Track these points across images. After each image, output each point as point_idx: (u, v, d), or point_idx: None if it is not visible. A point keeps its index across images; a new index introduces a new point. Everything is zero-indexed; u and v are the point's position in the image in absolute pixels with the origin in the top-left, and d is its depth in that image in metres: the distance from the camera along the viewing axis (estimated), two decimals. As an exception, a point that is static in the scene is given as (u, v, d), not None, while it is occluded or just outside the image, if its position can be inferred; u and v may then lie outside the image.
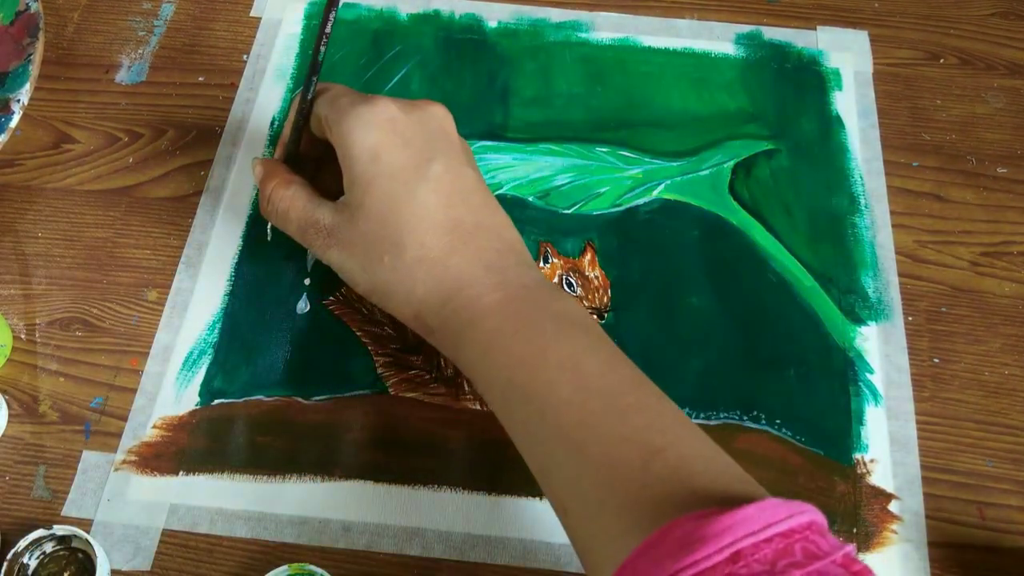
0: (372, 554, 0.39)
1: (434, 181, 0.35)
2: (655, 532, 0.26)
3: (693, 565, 0.24)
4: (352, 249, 0.36)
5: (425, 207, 0.35)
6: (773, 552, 0.25)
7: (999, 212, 0.49)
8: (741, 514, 0.25)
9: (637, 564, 0.26)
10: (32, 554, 0.38)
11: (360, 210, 0.35)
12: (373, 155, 0.35)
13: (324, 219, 0.37)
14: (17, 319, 0.45)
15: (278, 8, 0.55)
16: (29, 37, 0.48)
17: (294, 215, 0.38)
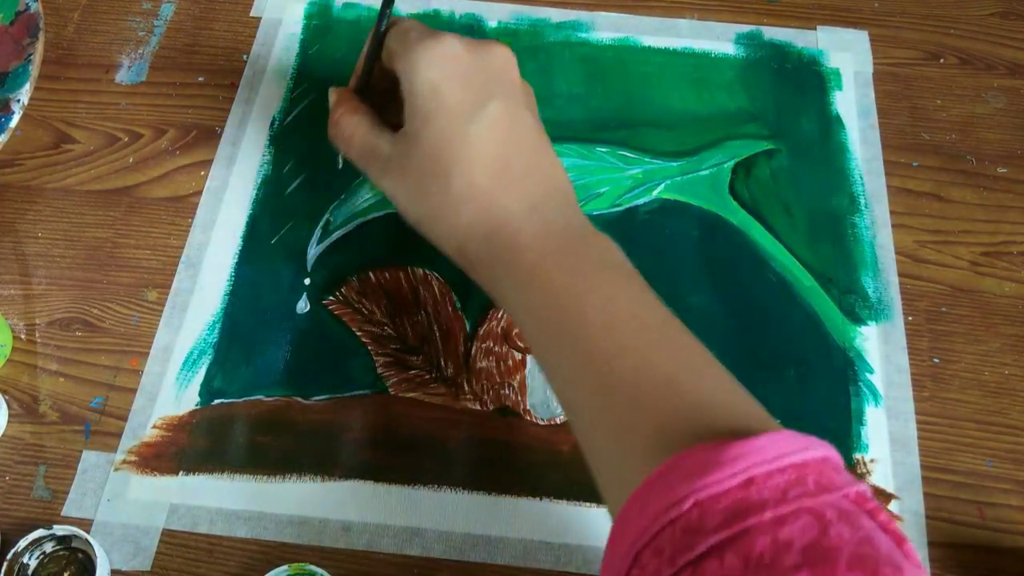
0: (372, 554, 0.39)
1: (489, 120, 0.36)
2: (671, 457, 0.27)
3: (705, 488, 0.25)
4: (404, 178, 0.37)
5: (477, 144, 0.36)
6: (785, 481, 0.25)
7: (999, 212, 0.49)
8: (756, 443, 0.26)
9: (653, 487, 0.27)
10: (32, 554, 0.38)
11: (416, 141, 0.36)
12: (433, 89, 0.36)
13: (383, 147, 0.38)
14: (17, 319, 0.45)
15: (278, 8, 0.55)
16: (29, 37, 0.48)
17: (356, 141, 0.39)
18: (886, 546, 0.24)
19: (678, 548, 0.25)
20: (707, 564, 0.24)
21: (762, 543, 0.24)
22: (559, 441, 0.42)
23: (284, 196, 0.48)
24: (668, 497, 0.26)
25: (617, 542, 0.28)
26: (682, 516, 0.25)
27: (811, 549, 0.23)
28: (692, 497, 0.25)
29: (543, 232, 0.35)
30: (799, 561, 0.23)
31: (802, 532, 0.24)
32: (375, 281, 0.45)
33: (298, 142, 0.50)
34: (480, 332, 0.44)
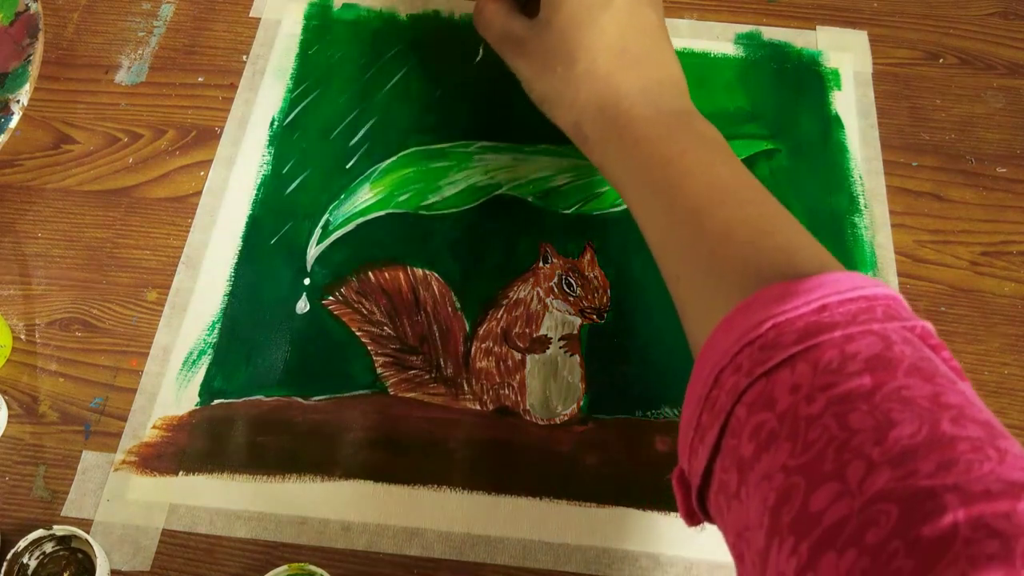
0: (372, 554, 0.39)
1: (615, 11, 0.40)
2: (754, 293, 0.29)
3: (782, 314, 0.27)
4: (533, 59, 0.42)
5: (602, 31, 0.40)
6: (856, 308, 0.27)
7: (999, 212, 0.49)
8: (831, 276, 0.28)
9: (735, 319, 0.29)
10: (32, 554, 0.38)
11: (547, 26, 0.41)
12: None
13: (518, 31, 0.43)
14: (17, 319, 0.45)
15: (277, 9, 0.55)
16: (29, 38, 0.48)
17: (496, 26, 0.44)
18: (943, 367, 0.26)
19: (755, 362, 0.27)
20: (779, 373, 0.27)
21: (830, 354, 0.26)
22: (559, 441, 0.42)
23: (284, 196, 0.48)
24: (748, 323, 0.28)
25: (700, 369, 0.30)
26: (760, 337, 0.28)
27: (874, 359, 0.26)
28: (770, 321, 0.27)
29: (653, 110, 0.39)
30: (862, 367, 0.25)
31: (868, 347, 0.26)
32: (375, 281, 0.46)
33: (298, 142, 0.50)
34: (480, 332, 0.44)
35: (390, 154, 0.50)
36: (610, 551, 0.39)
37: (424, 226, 0.47)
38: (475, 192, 0.48)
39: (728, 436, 0.28)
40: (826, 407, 0.25)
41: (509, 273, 0.46)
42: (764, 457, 0.26)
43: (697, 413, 0.29)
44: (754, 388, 0.27)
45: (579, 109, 0.41)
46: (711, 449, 0.28)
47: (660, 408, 0.42)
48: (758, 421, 0.26)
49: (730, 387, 0.28)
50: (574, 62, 0.40)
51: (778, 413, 0.26)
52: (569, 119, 0.41)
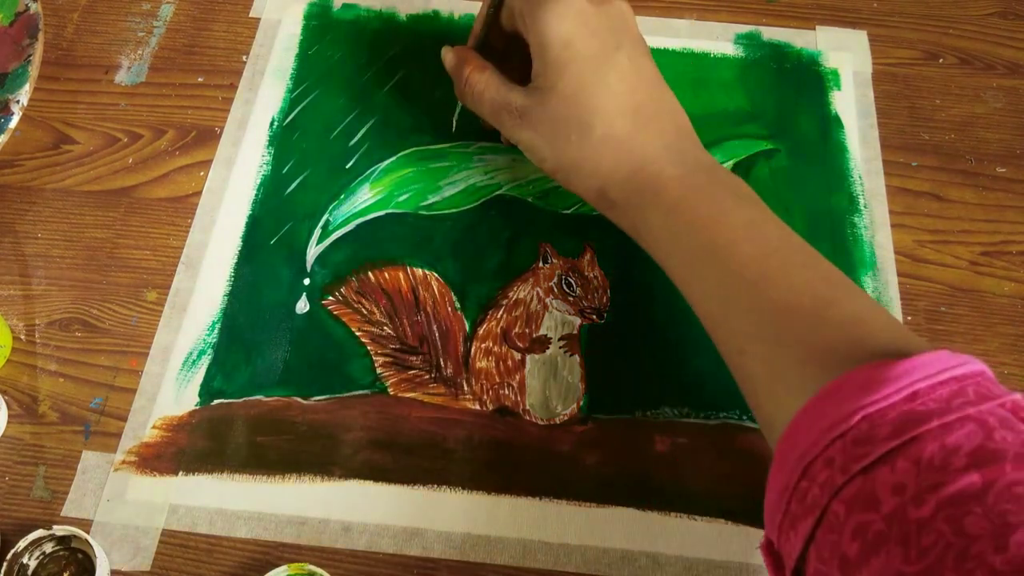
0: (372, 554, 0.39)
1: (620, 68, 0.39)
2: (837, 378, 0.28)
3: (873, 403, 0.27)
4: (542, 129, 0.40)
5: (612, 91, 0.38)
6: (948, 393, 0.27)
7: (998, 212, 0.49)
8: (919, 360, 0.27)
9: (820, 405, 0.28)
10: (32, 554, 0.38)
11: (552, 93, 0.39)
12: (566, 43, 0.38)
13: (516, 101, 0.40)
14: (17, 320, 0.45)
15: (277, 9, 0.55)
16: (29, 38, 0.48)
17: (488, 97, 0.42)
18: None
19: (849, 458, 0.26)
20: (879, 470, 0.26)
21: (931, 448, 0.25)
22: (559, 441, 0.42)
23: (284, 196, 0.48)
24: (837, 413, 0.27)
25: (784, 458, 0.29)
26: (851, 429, 0.27)
27: (978, 452, 0.25)
28: (860, 412, 0.27)
29: (681, 167, 0.38)
30: (968, 463, 0.24)
31: (968, 437, 0.25)
32: (374, 281, 0.46)
33: (298, 142, 0.50)
34: (479, 332, 0.44)
35: (390, 154, 0.50)
36: (610, 551, 0.39)
37: (424, 226, 0.47)
38: (475, 192, 0.48)
39: (825, 531, 0.27)
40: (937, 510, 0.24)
41: (509, 273, 0.46)
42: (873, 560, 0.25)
43: (785, 500, 0.29)
44: (852, 485, 0.26)
45: (603, 176, 0.39)
46: (805, 538, 0.28)
47: (660, 408, 0.42)
48: (861, 521, 0.26)
49: (824, 481, 0.27)
50: (590, 128, 0.38)
51: (884, 515, 0.25)
52: (591, 187, 0.40)
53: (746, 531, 0.40)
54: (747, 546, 0.39)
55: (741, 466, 0.41)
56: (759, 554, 0.39)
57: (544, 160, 0.41)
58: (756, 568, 0.39)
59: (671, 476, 0.41)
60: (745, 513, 0.40)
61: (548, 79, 0.39)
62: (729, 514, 0.40)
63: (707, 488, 0.41)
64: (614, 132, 0.38)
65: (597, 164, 0.39)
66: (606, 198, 0.39)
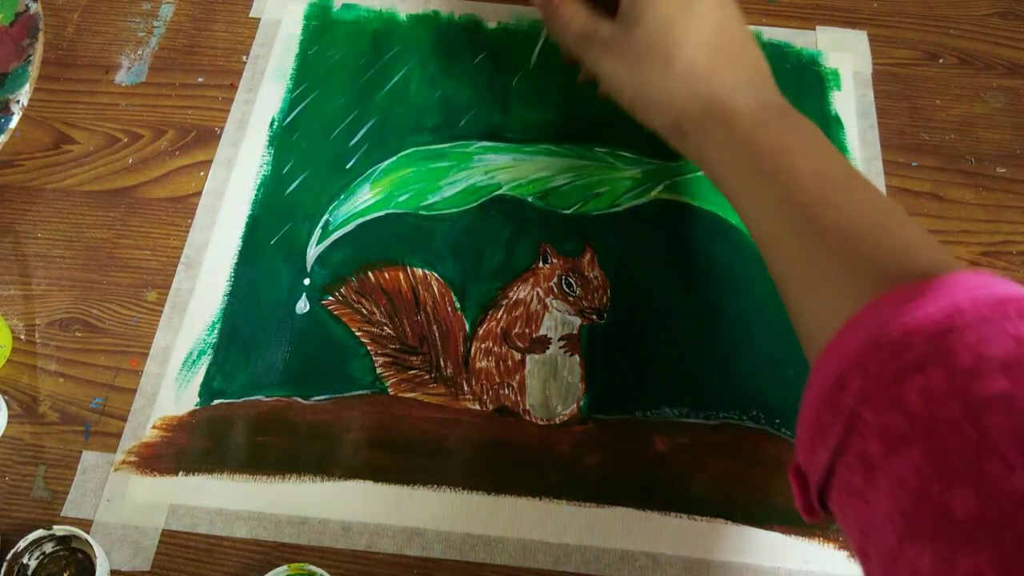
0: (372, 554, 0.39)
1: (706, 9, 0.40)
2: (879, 293, 0.29)
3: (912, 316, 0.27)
4: (625, 58, 0.41)
5: (697, 29, 0.40)
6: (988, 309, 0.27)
7: (998, 212, 0.49)
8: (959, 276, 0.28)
9: (860, 319, 0.29)
10: (32, 554, 0.38)
11: (638, 24, 0.40)
12: None
13: (602, 31, 0.42)
14: (17, 320, 0.45)
15: (277, 9, 0.55)
16: (29, 38, 0.48)
17: (575, 25, 0.43)
18: None
19: (883, 366, 0.27)
20: (912, 378, 0.26)
21: (964, 358, 0.25)
22: (558, 441, 0.42)
23: (284, 196, 0.48)
24: (875, 323, 0.28)
25: (822, 368, 0.30)
26: (888, 340, 0.27)
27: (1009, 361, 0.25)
28: (899, 323, 0.27)
29: (755, 104, 0.39)
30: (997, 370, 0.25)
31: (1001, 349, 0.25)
32: (374, 281, 0.46)
33: (298, 142, 0.50)
34: (479, 332, 0.44)
35: (390, 154, 0.50)
36: (610, 551, 0.39)
37: (424, 226, 0.47)
38: (475, 192, 0.48)
39: (853, 436, 0.27)
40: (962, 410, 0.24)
41: (509, 273, 0.46)
42: (895, 459, 0.25)
43: (817, 412, 0.29)
44: (882, 391, 0.27)
45: (679, 108, 0.40)
46: (833, 449, 0.28)
47: (660, 408, 0.42)
48: (887, 423, 0.26)
49: (856, 389, 0.27)
50: (671, 61, 0.40)
51: (910, 416, 0.26)
52: (668, 118, 0.41)
53: (746, 531, 0.40)
54: (747, 546, 0.39)
55: (741, 466, 0.41)
56: (755, 554, 0.39)
57: (623, 90, 0.42)
58: (756, 568, 0.39)
59: (671, 476, 0.41)
60: (745, 513, 0.40)
61: (636, 11, 0.40)
62: (729, 514, 0.40)
63: (707, 488, 0.41)
64: (695, 66, 0.40)
65: (674, 95, 0.40)
66: (679, 128, 0.40)
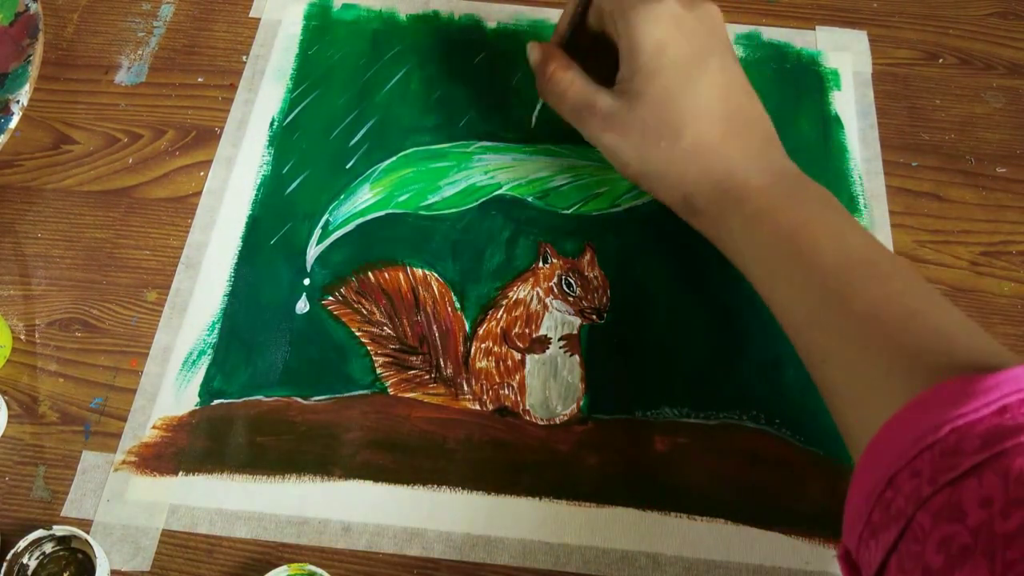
0: (372, 554, 0.39)
1: (712, 75, 0.38)
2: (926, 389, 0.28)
3: (961, 416, 0.26)
4: (628, 133, 0.39)
5: (704, 99, 0.38)
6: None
7: (998, 212, 0.49)
8: (1009, 374, 0.27)
9: (907, 416, 0.28)
10: (32, 554, 0.38)
11: (641, 98, 0.38)
12: (659, 48, 0.38)
13: (602, 103, 0.40)
14: (17, 320, 0.45)
15: (277, 9, 0.55)
16: (29, 38, 0.48)
17: (571, 96, 0.41)
18: None
19: (937, 469, 0.26)
20: (966, 483, 0.26)
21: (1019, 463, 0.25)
22: (559, 441, 0.42)
23: (284, 196, 0.48)
24: (925, 424, 0.27)
25: (869, 468, 0.29)
26: (939, 441, 0.27)
27: None
28: (949, 424, 0.26)
29: (768, 176, 0.38)
30: None
31: None
32: (374, 281, 0.46)
33: (298, 142, 0.50)
34: (479, 332, 0.44)
35: (390, 154, 0.50)
36: (610, 551, 0.39)
37: (424, 226, 0.47)
38: (475, 192, 0.48)
39: (908, 541, 0.27)
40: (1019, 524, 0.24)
41: (509, 273, 0.46)
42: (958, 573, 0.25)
43: (868, 509, 0.29)
44: (938, 497, 0.26)
45: (689, 184, 0.39)
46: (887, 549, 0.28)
47: (660, 408, 0.42)
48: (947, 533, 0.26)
49: (910, 492, 0.27)
50: (679, 136, 0.38)
51: (970, 527, 0.25)
52: (677, 194, 0.40)
53: (746, 531, 0.40)
54: (747, 546, 0.39)
55: (741, 466, 0.41)
56: (755, 554, 0.39)
57: (627, 165, 0.40)
58: (756, 568, 0.39)
59: (671, 476, 0.41)
60: (745, 513, 0.40)
61: (638, 84, 0.38)
62: (729, 514, 0.40)
63: (707, 488, 0.41)
64: (704, 140, 0.38)
65: (684, 171, 0.39)
66: (691, 205, 0.39)
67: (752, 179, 0.38)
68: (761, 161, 0.38)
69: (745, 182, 0.37)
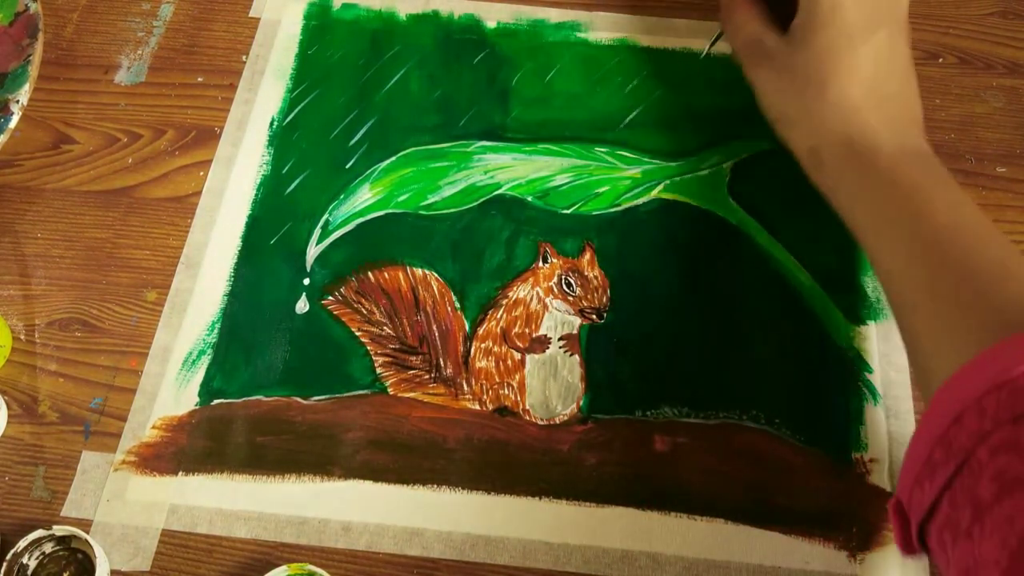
0: (372, 554, 0.39)
1: (876, 44, 0.40)
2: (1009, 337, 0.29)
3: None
4: (781, 76, 0.42)
5: (861, 61, 0.40)
6: None
7: (999, 212, 0.49)
8: None
9: (981, 362, 0.29)
10: (32, 554, 0.38)
11: (804, 45, 0.41)
12: (835, 4, 0.40)
13: (768, 42, 0.43)
14: (17, 320, 0.45)
15: (277, 8, 0.55)
16: (28, 38, 0.48)
17: (746, 31, 0.44)
18: None
19: (1002, 408, 0.27)
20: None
21: None
22: (558, 441, 0.42)
23: (283, 196, 0.48)
24: (996, 367, 0.28)
25: (936, 413, 0.30)
26: (1008, 383, 0.27)
27: None
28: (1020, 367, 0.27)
29: (898, 148, 0.39)
30: None
31: None
32: (374, 281, 0.46)
33: (298, 142, 0.50)
34: (479, 332, 0.44)
35: (390, 154, 0.50)
36: (610, 551, 0.39)
37: (424, 226, 0.47)
38: (475, 192, 0.48)
39: (964, 475, 0.28)
40: None
41: (509, 273, 0.46)
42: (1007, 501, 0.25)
43: (929, 449, 0.29)
44: (1000, 432, 0.27)
45: (821, 136, 0.40)
46: (941, 486, 0.28)
47: (660, 407, 0.42)
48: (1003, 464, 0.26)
49: (973, 429, 0.28)
50: (825, 89, 0.40)
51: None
52: (807, 143, 0.41)
53: (746, 531, 0.40)
54: (747, 546, 0.39)
55: (741, 466, 0.41)
56: (755, 554, 0.39)
57: (771, 105, 0.43)
58: (756, 568, 0.39)
59: (671, 476, 0.41)
60: (745, 513, 0.40)
61: (805, 32, 0.40)
62: (729, 514, 0.40)
63: (707, 488, 0.41)
64: (847, 99, 0.40)
65: (819, 123, 0.40)
66: (817, 156, 0.41)
67: (884, 147, 0.39)
68: (898, 136, 0.39)
69: (876, 148, 0.39)
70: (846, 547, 0.39)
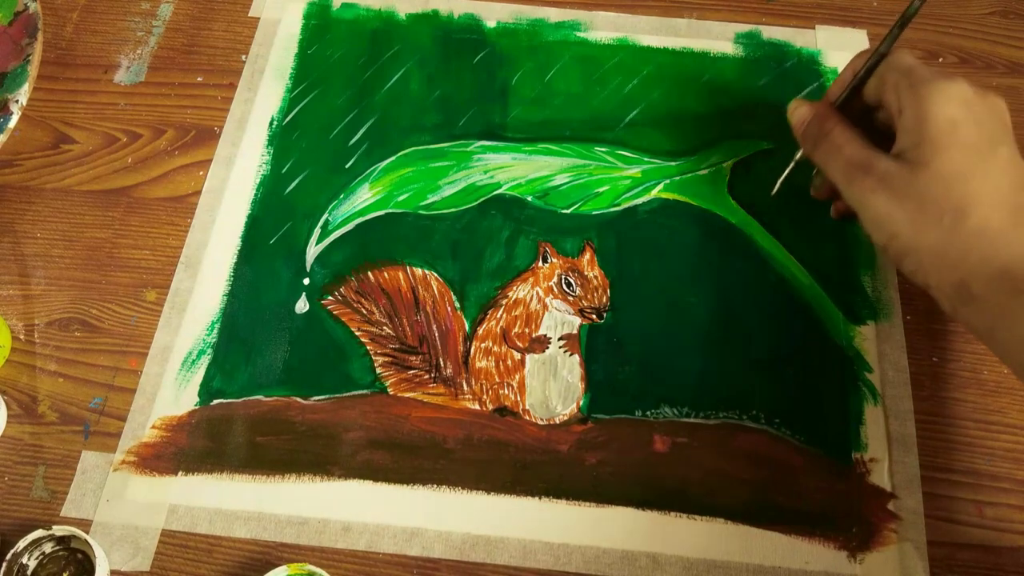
0: (372, 554, 0.39)
1: (1002, 163, 0.38)
2: None
3: None
4: (904, 202, 0.38)
5: (994, 183, 0.37)
6: None
7: (998, 211, 0.48)
8: None
9: None
10: (31, 554, 0.38)
11: (926, 168, 0.38)
12: (951, 124, 0.38)
13: (881, 164, 0.39)
14: (16, 320, 0.45)
15: (277, 8, 0.55)
16: (28, 37, 0.48)
17: (848, 153, 0.40)
18: None
19: None
20: None
21: None
22: (558, 441, 0.42)
23: (283, 196, 0.48)
24: None
25: None
26: None
27: None
28: None
29: None
30: None
31: None
32: (374, 281, 0.46)
33: (297, 142, 0.50)
34: (479, 332, 0.44)
35: (389, 154, 0.50)
36: (610, 551, 0.39)
37: (423, 225, 0.47)
38: (474, 192, 0.48)
39: None
40: None
41: (509, 273, 0.46)
42: None
43: None
44: None
45: (968, 269, 0.37)
46: None
47: (659, 407, 0.42)
48: None
49: None
50: (964, 216, 0.37)
51: None
52: (951, 277, 0.37)
53: (746, 531, 0.40)
54: (747, 546, 0.39)
55: (741, 466, 0.41)
56: (755, 554, 0.39)
57: (896, 236, 0.38)
58: (756, 568, 0.39)
59: (671, 476, 0.41)
60: (745, 513, 0.40)
61: (924, 153, 0.38)
62: (729, 514, 0.40)
63: (707, 488, 0.41)
64: (990, 224, 0.37)
65: (965, 254, 0.37)
66: (966, 291, 0.37)
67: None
68: None
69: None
70: (846, 547, 0.39)
